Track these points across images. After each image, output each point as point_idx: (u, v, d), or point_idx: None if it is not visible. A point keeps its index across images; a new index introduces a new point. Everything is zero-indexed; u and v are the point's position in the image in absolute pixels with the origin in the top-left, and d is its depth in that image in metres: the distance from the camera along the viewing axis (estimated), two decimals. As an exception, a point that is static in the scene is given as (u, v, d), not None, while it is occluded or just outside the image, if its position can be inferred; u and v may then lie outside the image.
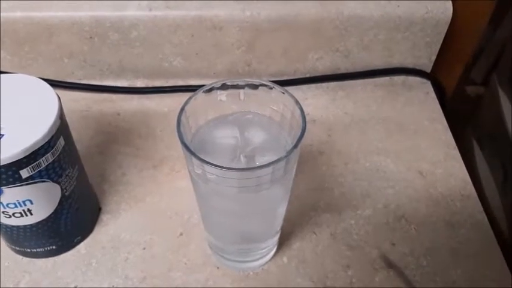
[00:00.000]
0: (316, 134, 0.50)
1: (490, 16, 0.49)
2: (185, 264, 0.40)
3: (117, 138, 0.49)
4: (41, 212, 0.36)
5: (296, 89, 0.55)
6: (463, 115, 0.54)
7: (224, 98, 0.35)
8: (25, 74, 0.37)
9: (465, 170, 0.48)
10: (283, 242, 0.41)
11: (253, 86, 0.35)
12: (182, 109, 0.32)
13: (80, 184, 0.39)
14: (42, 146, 0.33)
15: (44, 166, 0.33)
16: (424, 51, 0.54)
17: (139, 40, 0.51)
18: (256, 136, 0.35)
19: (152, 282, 0.39)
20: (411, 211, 0.44)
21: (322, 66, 0.55)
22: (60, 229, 0.39)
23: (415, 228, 0.43)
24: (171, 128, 0.48)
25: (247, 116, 0.36)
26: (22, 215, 0.35)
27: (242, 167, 0.32)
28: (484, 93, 0.50)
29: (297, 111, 0.32)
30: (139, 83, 0.54)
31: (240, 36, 0.51)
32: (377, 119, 0.52)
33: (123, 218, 0.43)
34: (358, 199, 0.45)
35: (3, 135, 0.32)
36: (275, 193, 0.34)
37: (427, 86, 0.56)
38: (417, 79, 0.56)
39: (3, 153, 0.31)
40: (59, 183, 0.36)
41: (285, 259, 0.41)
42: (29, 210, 0.35)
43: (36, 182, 0.34)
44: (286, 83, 0.54)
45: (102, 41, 0.51)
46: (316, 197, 0.45)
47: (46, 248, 0.39)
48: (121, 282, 0.39)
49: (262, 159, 0.32)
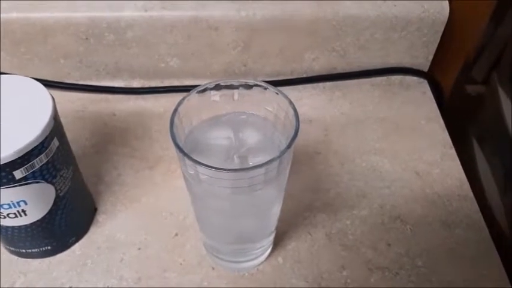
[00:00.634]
0: (312, 134, 0.50)
1: (491, 14, 0.48)
2: (180, 264, 0.40)
3: (113, 138, 0.49)
4: (36, 213, 0.36)
5: (292, 89, 0.55)
6: (463, 114, 0.54)
7: (218, 99, 0.35)
8: (19, 75, 0.37)
9: (462, 170, 0.47)
10: (278, 242, 0.41)
11: (247, 86, 0.35)
12: (175, 110, 0.33)
13: (75, 185, 0.39)
14: (35, 147, 0.32)
15: (38, 167, 0.33)
16: (421, 50, 0.54)
17: (135, 41, 0.51)
18: (250, 137, 0.35)
19: (147, 282, 0.39)
20: (407, 211, 0.44)
21: (318, 66, 0.55)
22: (55, 230, 0.39)
23: (411, 228, 0.43)
24: (167, 129, 0.47)
25: (241, 117, 0.36)
26: (16, 216, 0.35)
27: (235, 168, 0.32)
28: (485, 92, 0.50)
29: (291, 111, 0.32)
30: (135, 84, 0.54)
31: (236, 36, 0.51)
32: (374, 119, 0.52)
33: (118, 219, 0.43)
34: (354, 199, 0.45)
35: (-4, 136, 0.32)
36: (269, 193, 0.34)
37: (424, 86, 0.56)
38: (414, 79, 0.56)
39: (-4, 154, 0.31)
40: (53, 184, 0.36)
41: (280, 259, 0.41)
42: (23, 211, 0.35)
43: (30, 183, 0.34)
44: (282, 83, 0.54)
45: (98, 42, 0.51)
46: (311, 197, 0.45)
47: (41, 249, 0.39)
48: (116, 282, 0.39)
49: (255, 159, 0.32)
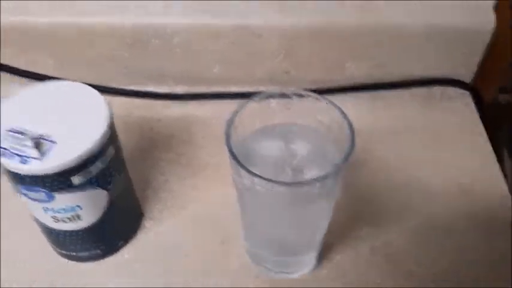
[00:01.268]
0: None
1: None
2: (225, 272, 0.41)
3: (159, 144, 0.50)
4: (89, 218, 0.37)
5: (333, 98, 0.54)
6: (495, 123, 0.53)
7: (271, 108, 0.35)
8: (68, 80, 0.38)
9: (504, 183, 0.47)
10: (323, 255, 0.41)
11: (300, 96, 0.35)
12: (231, 121, 0.33)
13: (126, 190, 0.40)
14: (93, 154, 0.33)
15: (95, 174, 0.34)
16: (465, 62, 0.53)
17: (180, 47, 0.51)
18: (302, 148, 0.35)
19: (193, 289, 0.40)
20: (450, 224, 0.44)
21: (359, 75, 0.54)
22: (105, 234, 0.39)
23: (455, 241, 0.43)
24: (213, 135, 0.48)
25: (292, 128, 0.36)
26: (71, 220, 0.36)
27: (290, 181, 0.32)
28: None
29: (345, 124, 0.32)
30: (178, 89, 0.55)
31: (279, 44, 0.51)
32: (415, 130, 0.52)
33: (165, 225, 0.44)
34: (397, 211, 0.45)
35: (55, 142, 0.33)
36: (321, 207, 0.34)
37: (467, 97, 0.55)
38: (456, 90, 0.55)
39: (55, 160, 0.32)
40: (108, 189, 0.36)
41: (325, 271, 0.41)
42: (78, 215, 0.36)
43: (86, 189, 0.35)
44: (323, 92, 0.54)
45: (143, 48, 0.51)
46: (355, 209, 0.45)
47: (91, 252, 0.40)
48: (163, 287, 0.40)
49: (310, 173, 0.32)
